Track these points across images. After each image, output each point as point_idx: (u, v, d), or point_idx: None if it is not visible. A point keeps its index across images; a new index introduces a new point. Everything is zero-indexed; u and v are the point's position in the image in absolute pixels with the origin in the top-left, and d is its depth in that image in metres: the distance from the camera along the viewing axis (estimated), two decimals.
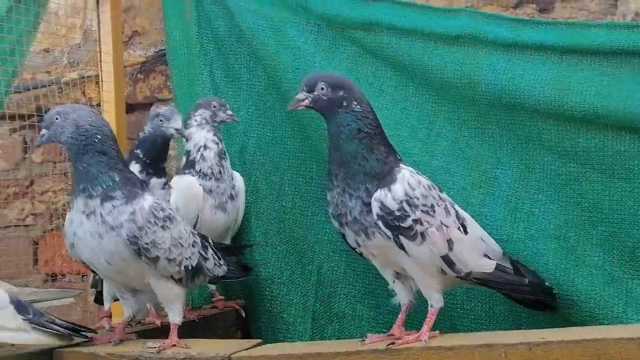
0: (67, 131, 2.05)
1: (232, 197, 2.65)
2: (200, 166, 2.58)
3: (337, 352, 1.97)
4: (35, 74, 3.62)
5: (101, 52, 3.07)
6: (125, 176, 2.06)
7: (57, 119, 2.06)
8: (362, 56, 2.64)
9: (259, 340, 2.20)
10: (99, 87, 3.13)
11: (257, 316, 2.75)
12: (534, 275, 2.26)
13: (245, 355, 2.02)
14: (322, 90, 2.05)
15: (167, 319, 2.18)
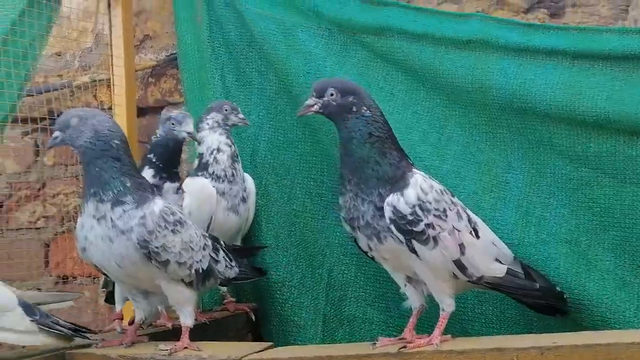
0: (85, 136, 2.05)
1: (244, 199, 2.65)
2: (213, 169, 2.58)
3: (348, 355, 1.97)
4: (47, 77, 3.62)
5: (113, 55, 3.06)
6: (136, 181, 2.07)
7: (74, 123, 2.05)
8: (373, 60, 2.65)
9: (270, 343, 2.20)
10: (111, 91, 3.12)
11: (268, 319, 2.75)
12: (545, 279, 2.26)
13: (256, 358, 2.02)
14: (331, 95, 2.05)
15: (178, 321, 2.19)
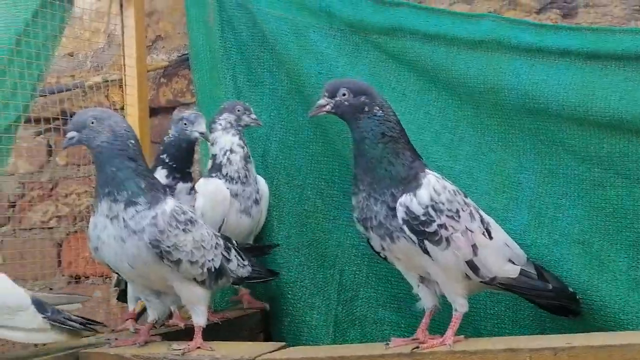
0: (102, 136, 2.05)
1: (256, 201, 2.65)
2: (227, 170, 2.58)
3: (360, 356, 1.98)
4: (59, 77, 3.63)
5: (125, 56, 3.08)
6: (150, 182, 2.08)
7: (92, 123, 2.06)
8: (385, 61, 2.65)
9: (283, 343, 2.20)
10: (123, 91, 3.13)
11: (280, 319, 2.75)
12: (558, 280, 2.25)
13: (269, 358, 2.02)
14: (343, 96, 2.05)
15: (191, 321, 2.19)
